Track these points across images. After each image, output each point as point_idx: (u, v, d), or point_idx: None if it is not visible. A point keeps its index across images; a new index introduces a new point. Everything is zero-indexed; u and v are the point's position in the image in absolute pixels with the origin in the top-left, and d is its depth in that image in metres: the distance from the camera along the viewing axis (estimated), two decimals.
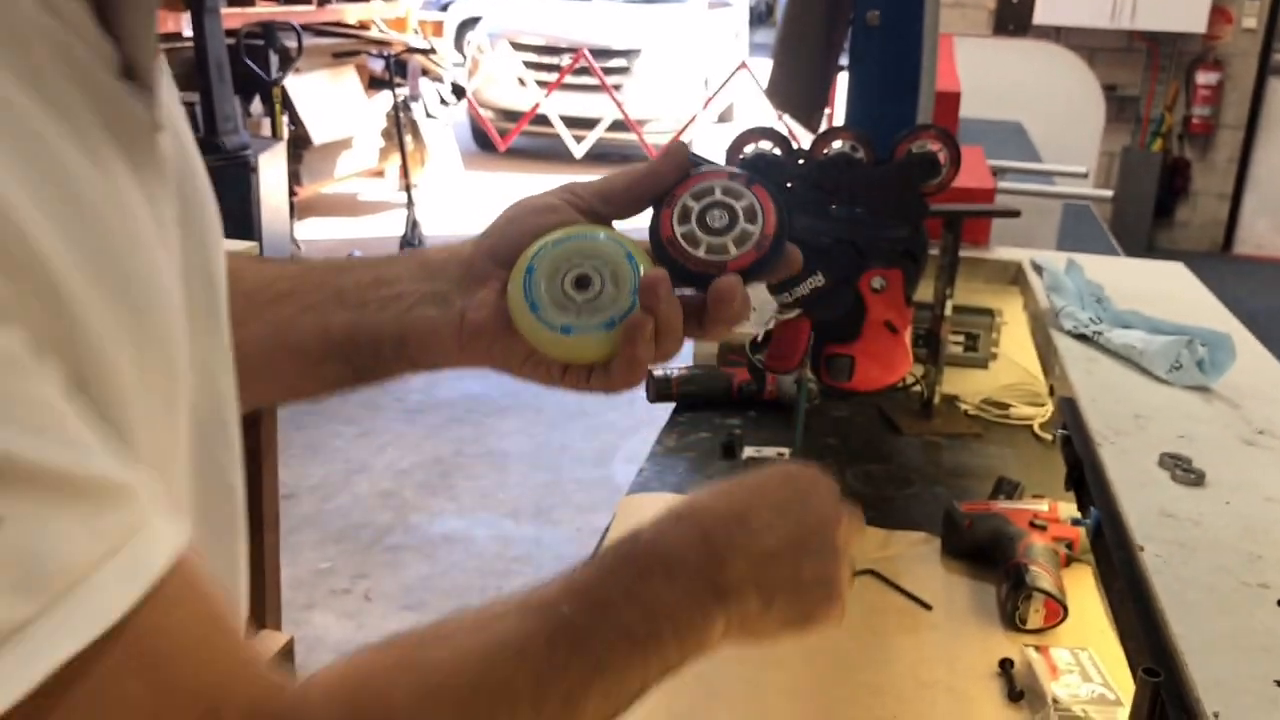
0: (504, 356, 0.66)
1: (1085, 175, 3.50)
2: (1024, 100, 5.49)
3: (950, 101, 3.06)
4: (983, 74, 5.49)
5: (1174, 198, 6.91)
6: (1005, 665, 1.03)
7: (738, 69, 8.32)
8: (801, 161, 1.23)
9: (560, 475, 3.88)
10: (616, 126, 8.18)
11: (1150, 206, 6.82)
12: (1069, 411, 1.04)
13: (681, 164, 0.67)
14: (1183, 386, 1.09)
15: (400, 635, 0.48)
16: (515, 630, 0.48)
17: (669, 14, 9.24)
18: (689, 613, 0.54)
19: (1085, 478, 0.92)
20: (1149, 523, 0.81)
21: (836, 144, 1.24)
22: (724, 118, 9.56)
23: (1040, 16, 6.43)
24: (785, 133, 1.25)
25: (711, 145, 7.93)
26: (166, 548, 0.39)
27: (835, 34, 1.64)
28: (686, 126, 8.35)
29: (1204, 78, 6.61)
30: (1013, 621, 1.09)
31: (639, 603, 0.52)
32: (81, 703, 0.35)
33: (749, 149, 1.22)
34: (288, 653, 2.01)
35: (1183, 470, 0.89)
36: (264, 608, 2.07)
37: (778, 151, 1.23)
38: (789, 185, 1.22)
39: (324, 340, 0.65)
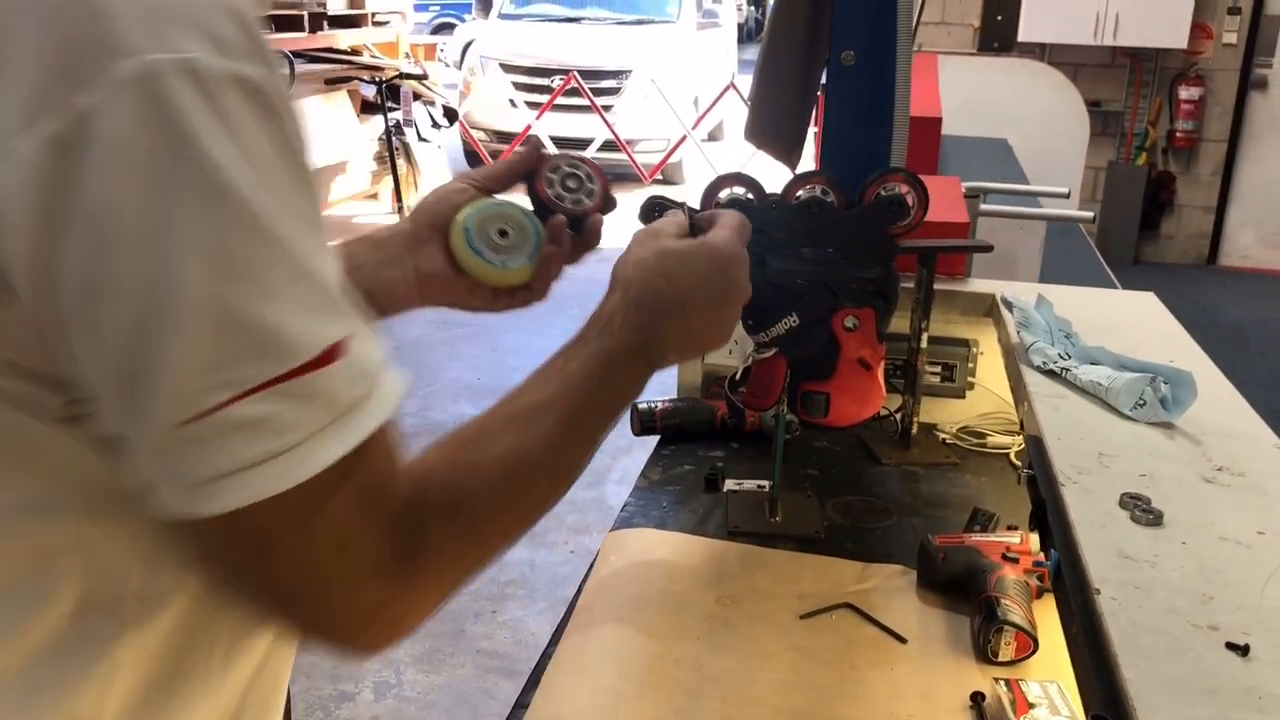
0: (452, 293, 0.95)
1: (1067, 195, 3.54)
2: (1010, 117, 5.54)
3: (931, 127, 3.11)
4: (968, 92, 5.55)
5: (1159, 211, 6.97)
6: (976, 698, 1.05)
7: (726, 88, 8.38)
8: (774, 206, 1.26)
9: None
10: (607, 146, 8.24)
11: (1136, 220, 6.88)
12: (1035, 451, 1.07)
13: (537, 152, 0.99)
14: (1146, 423, 1.13)
15: (452, 436, 0.69)
16: (534, 436, 0.71)
17: (658, 35, 9.31)
18: (636, 386, 0.81)
19: (1048, 518, 0.95)
20: (1106, 564, 0.84)
21: (808, 188, 1.27)
22: (714, 136, 9.62)
23: (1025, 34, 6.49)
24: (758, 178, 1.28)
25: (701, 171, 7.91)
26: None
27: (812, 74, 1.68)
28: (677, 146, 8.41)
29: (1186, 92, 6.68)
30: (985, 654, 1.12)
31: (610, 388, 0.77)
32: (381, 442, 0.59)
33: (724, 194, 1.26)
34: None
35: (1142, 510, 0.92)
36: None
37: (751, 197, 1.26)
38: (762, 231, 1.25)
39: None
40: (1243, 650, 0.74)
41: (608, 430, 0.77)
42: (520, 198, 1.02)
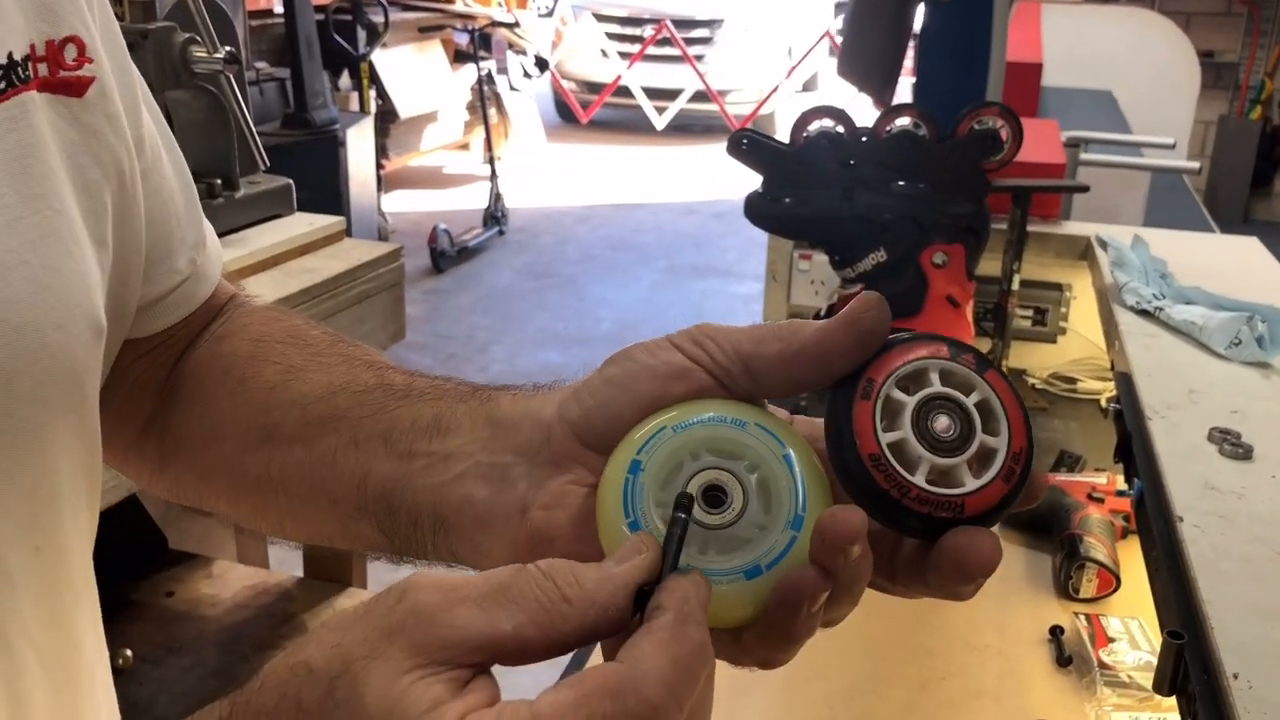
0: None
1: (1173, 146, 3.42)
2: (1115, 68, 5.34)
3: (1029, 73, 3.03)
4: (1072, 42, 5.36)
5: (1273, 167, 6.69)
6: (1055, 632, 1.06)
7: (821, 38, 8.25)
8: (865, 139, 1.26)
9: None
10: (698, 97, 8.18)
11: (1247, 177, 6.62)
12: (1123, 386, 1.06)
13: (873, 342, 0.42)
14: (1241, 362, 1.10)
15: None
16: None
17: None
18: None
19: (1133, 450, 0.94)
20: (1191, 494, 0.84)
21: (900, 121, 1.26)
22: (808, 87, 9.48)
23: None
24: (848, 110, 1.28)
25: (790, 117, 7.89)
26: None
27: (907, 10, 1.65)
28: (769, 97, 8.32)
29: None
30: (1066, 590, 1.12)
31: None
32: None
33: (812, 127, 1.25)
34: None
35: (1231, 444, 0.91)
36: (349, 566, 2.17)
37: (841, 129, 1.26)
38: (852, 162, 1.24)
39: (359, 494, 0.51)
40: None
41: None
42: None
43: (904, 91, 1.76)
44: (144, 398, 0.60)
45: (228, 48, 1.68)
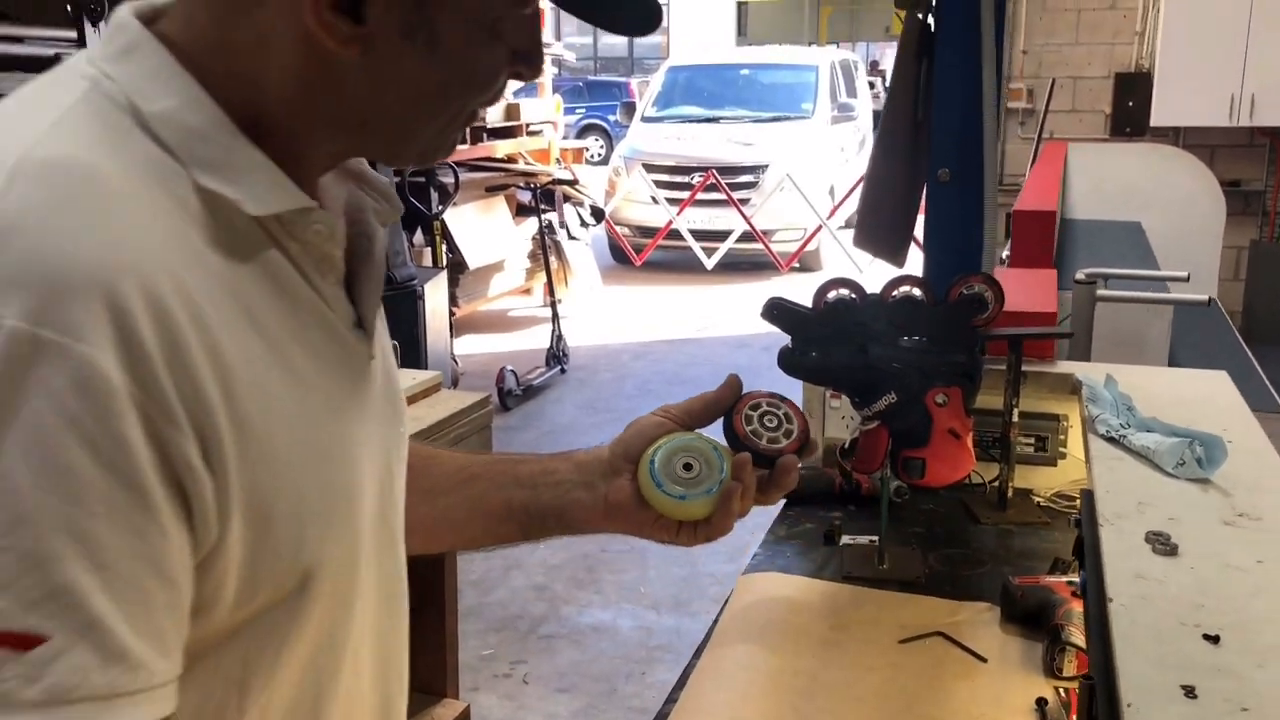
0: (636, 522, 1.00)
1: (1187, 278, 3.68)
2: (1142, 201, 5.64)
3: (1045, 220, 3.34)
4: (1100, 177, 5.68)
5: None
6: (1040, 703, 1.29)
7: (860, 180, 8.66)
8: (874, 304, 1.55)
9: (696, 570, 4.17)
10: (745, 237, 8.60)
11: None
12: (1085, 500, 1.32)
13: (737, 390, 1.05)
14: (1186, 479, 1.36)
15: None
16: None
17: (794, 131, 9.69)
18: None
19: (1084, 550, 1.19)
20: (1123, 581, 1.09)
21: (903, 288, 1.56)
22: (849, 224, 9.89)
23: (1157, 119, 6.58)
24: (861, 280, 1.58)
25: (838, 256, 8.10)
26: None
27: (914, 189, 1.97)
28: (813, 235, 8.72)
29: None
30: (1051, 670, 1.36)
31: None
32: None
33: (831, 295, 1.56)
34: (464, 718, 2.35)
35: (1161, 544, 1.16)
36: (445, 680, 2.42)
37: (854, 296, 1.56)
38: (864, 323, 1.54)
39: (507, 510, 0.99)
40: (1214, 639, 0.97)
41: None
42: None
43: (914, 257, 2.05)
44: None
45: None
